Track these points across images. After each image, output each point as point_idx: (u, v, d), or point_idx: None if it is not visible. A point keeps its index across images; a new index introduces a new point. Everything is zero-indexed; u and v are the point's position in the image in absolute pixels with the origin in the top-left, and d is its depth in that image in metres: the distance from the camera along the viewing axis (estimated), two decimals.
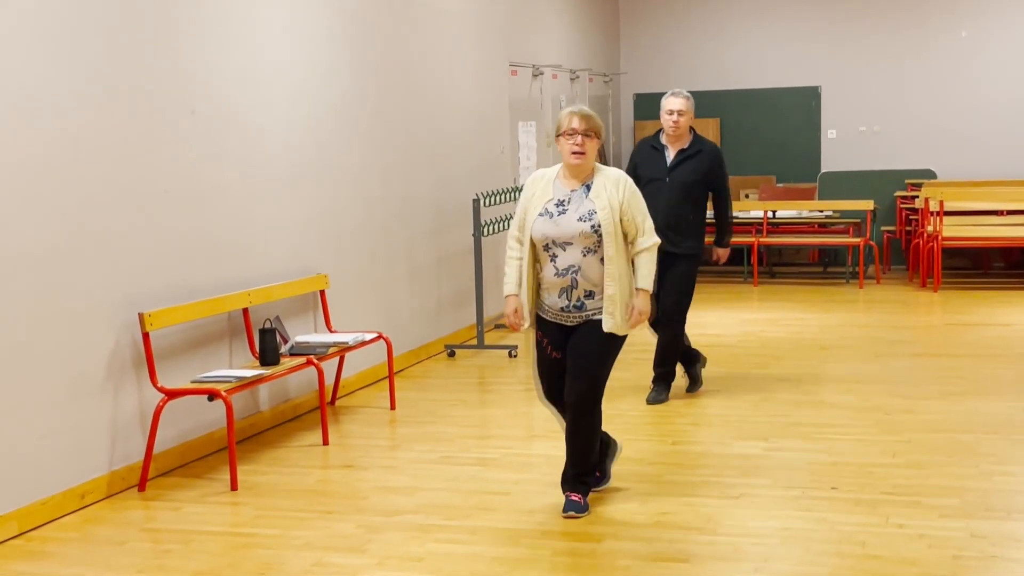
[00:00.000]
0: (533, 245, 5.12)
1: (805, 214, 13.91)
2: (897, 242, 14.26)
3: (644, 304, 5.16)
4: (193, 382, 6.15)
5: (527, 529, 5.09)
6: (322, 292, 7.60)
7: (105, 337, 5.76)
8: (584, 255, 5.05)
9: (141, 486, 5.87)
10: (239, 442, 6.58)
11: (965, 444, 6.27)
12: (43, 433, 5.38)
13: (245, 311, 6.80)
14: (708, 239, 7.46)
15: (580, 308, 5.11)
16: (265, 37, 7.11)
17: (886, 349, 9.15)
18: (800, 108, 14.96)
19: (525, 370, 8.67)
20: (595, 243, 5.03)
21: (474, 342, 9.64)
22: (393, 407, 7.53)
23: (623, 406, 7.29)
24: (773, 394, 7.61)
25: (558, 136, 5.16)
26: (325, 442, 6.68)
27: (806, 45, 14.86)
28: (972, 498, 5.34)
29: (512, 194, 9.92)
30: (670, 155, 7.14)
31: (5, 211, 5.17)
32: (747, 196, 14.78)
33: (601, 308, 5.10)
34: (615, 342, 5.18)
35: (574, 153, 5.07)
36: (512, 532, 5.06)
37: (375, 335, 7.46)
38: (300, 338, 7.13)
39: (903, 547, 4.72)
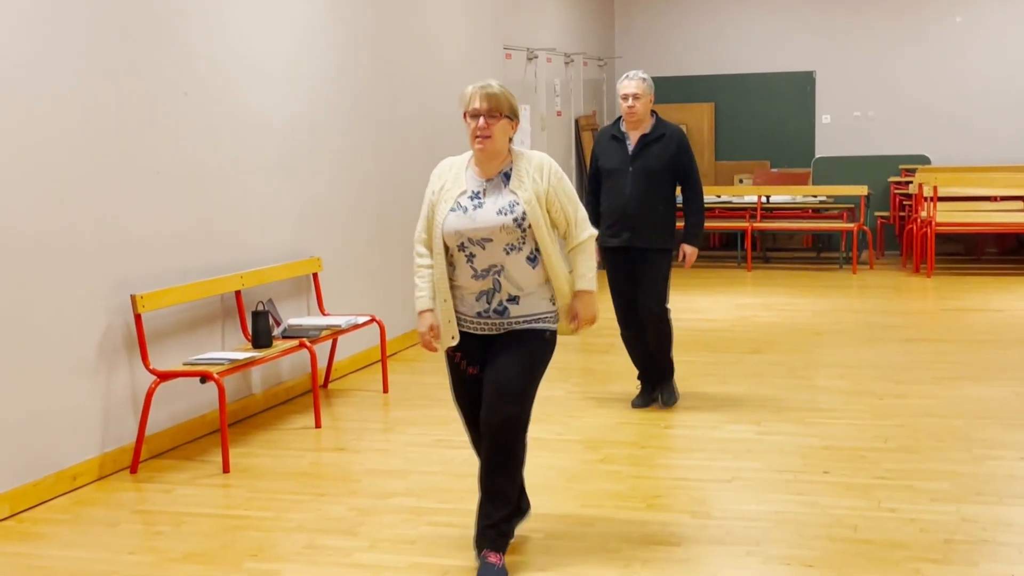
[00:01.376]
0: (445, 247, 4.36)
1: (799, 199, 13.92)
2: (891, 227, 14.28)
3: (588, 308, 4.42)
4: (185, 364, 6.14)
5: None
6: (315, 275, 7.58)
7: (97, 319, 5.75)
8: (507, 253, 4.29)
9: (133, 468, 5.86)
10: (231, 424, 6.58)
11: (957, 429, 6.28)
12: (35, 415, 5.37)
13: (238, 293, 6.78)
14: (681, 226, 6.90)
15: (502, 314, 4.33)
16: (258, 19, 7.07)
17: (879, 334, 9.16)
18: (795, 93, 14.95)
19: None
20: (519, 239, 4.29)
21: None
22: (386, 390, 7.53)
23: (615, 387, 7.29)
24: (766, 378, 7.62)
25: (464, 116, 4.38)
26: (317, 425, 6.68)
27: (801, 30, 14.85)
28: (963, 482, 5.35)
29: None
30: (631, 143, 6.59)
31: None
32: (741, 181, 14.78)
33: (528, 316, 4.34)
34: (546, 353, 4.41)
35: (477, 137, 4.30)
36: None
37: (368, 318, 7.45)
38: (293, 321, 7.12)
39: (895, 531, 4.73)
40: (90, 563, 4.63)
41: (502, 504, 4.39)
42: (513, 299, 4.33)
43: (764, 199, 13.69)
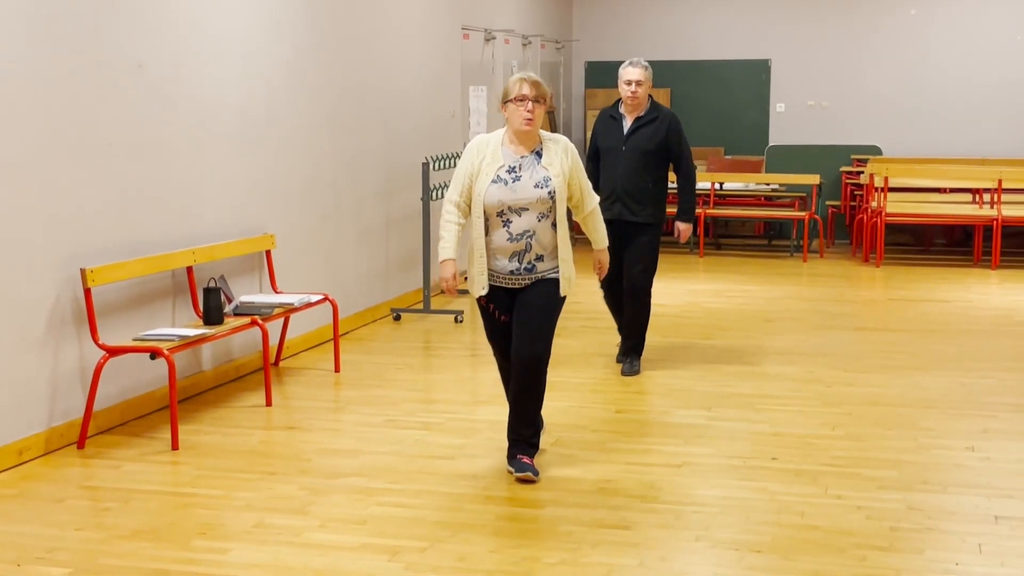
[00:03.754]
0: (483, 212, 5.17)
1: (752, 187, 13.99)
2: (841, 217, 14.40)
3: (607, 258, 5.64)
4: (135, 340, 6.08)
5: (470, 494, 5.10)
6: (268, 252, 7.53)
7: (46, 292, 5.67)
8: (539, 220, 5.16)
9: (80, 443, 5.80)
10: (181, 401, 6.53)
11: (904, 417, 6.36)
12: None
13: (189, 269, 6.72)
14: (671, 209, 7.49)
15: (531, 271, 5.21)
16: None
17: (828, 322, 9.25)
18: (750, 81, 15.01)
19: (471, 335, 8.67)
20: (548, 208, 5.16)
21: (420, 306, 9.61)
22: (338, 369, 7.50)
23: (567, 372, 7.31)
24: (716, 365, 7.67)
25: (506, 102, 5.19)
26: (268, 403, 6.65)
27: (758, 18, 14.90)
28: (910, 471, 5.42)
29: None
30: (627, 124, 7.15)
31: None
32: (695, 167, 14.82)
33: (551, 269, 5.24)
34: (560, 298, 5.29)
35: (526, 120, 5.12)
36: (455, 496, 5.06)
37: (321, 297, 7.41)
38: (245, 298, 7.07)
39: (841, 518, 4.78)
40: (36, 539, 4.57)
41: (529, 423, 5.34)
42: (539, 258, 5.22)
43: (717, 186, 13.75)
